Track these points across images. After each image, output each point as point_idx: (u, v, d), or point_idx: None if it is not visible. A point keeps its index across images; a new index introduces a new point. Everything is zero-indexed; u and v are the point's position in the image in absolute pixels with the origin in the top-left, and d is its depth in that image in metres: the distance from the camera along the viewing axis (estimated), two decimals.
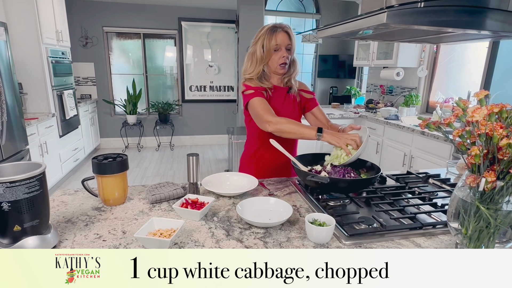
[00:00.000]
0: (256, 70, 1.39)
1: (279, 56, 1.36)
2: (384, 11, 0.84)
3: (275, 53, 1.36)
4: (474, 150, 0.72)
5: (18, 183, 0.72)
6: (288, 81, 1.45)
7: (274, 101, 1.43)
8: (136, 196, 1.15)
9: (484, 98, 0.73)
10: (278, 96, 1.44)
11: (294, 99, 1.47)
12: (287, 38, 1.35)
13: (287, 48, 1.36)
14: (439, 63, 3.57)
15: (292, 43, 1.37)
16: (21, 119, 2.76)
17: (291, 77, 1.44)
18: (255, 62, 1.39)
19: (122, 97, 5.34)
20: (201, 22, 5.40)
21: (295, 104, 1.47)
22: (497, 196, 0.72)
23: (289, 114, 1.43)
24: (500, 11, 1.04)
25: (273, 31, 1.35)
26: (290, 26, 1.38)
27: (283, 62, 1.37)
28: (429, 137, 2.72)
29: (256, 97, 1.35)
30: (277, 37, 1.34)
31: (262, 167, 1.48)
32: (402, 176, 1.38)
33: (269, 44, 1.35)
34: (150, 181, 4.00)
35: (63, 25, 3.95)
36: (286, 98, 1.46)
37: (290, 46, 1.36)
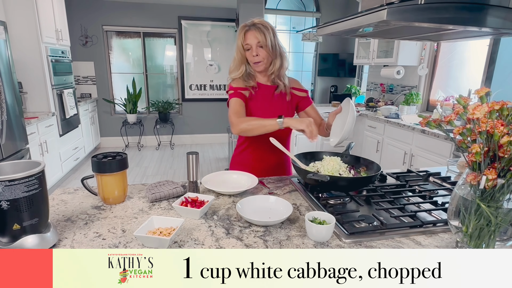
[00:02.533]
0: (238, 71, 1.38)
1: (250, 55, 1.33)
2: (384, 8, 0.83)
3: (247, 53, 1.34)
4: (475, 148, 0.72)
5: (17, 181, 0.72)
6: (274, 79, 1.40)
7: (260, 100, 1.40)
8: (136, 194, 1.15)
9: (485, 95, 0.72)
10: (265, 95, 1.40)
11: (283, 98, 1.43)
12: (254, 36, 1.30)
13: (258, 45, 1.31)
14: (440, 61, 3.56)
15: (263, 39, 1.29)
16: (21, 118, 2.76)
17: (275, 74, 1.38)
18: (237, 64, 1.38)
19: (122, 96, 5.34)
20: (201, 21, 5.39)
21: (284, 103, 1.42)
22: (497, 194, 0.72)
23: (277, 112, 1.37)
24: (501, 8, 1.03)
25: (242, 31, 1.32)
26: (263, 21, 1.33)
27: (255, 61, 1.33)
28: (430, 135, 2.71)
29: (233, 98, 1.35)
30: (246, 37, 1.31)
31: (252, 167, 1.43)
32: (402, 174, 1.38)
33: (240, 45, 1.33)
34: (150, 180, 4.00)
35: (62, 24, 3.95)
36: (273, 96, 1.41)
37: (260, 43, 1.30)
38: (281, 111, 1.40)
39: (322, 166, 1.16)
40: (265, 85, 1.42)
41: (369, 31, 1.31)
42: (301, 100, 1.48)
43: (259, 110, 1.39)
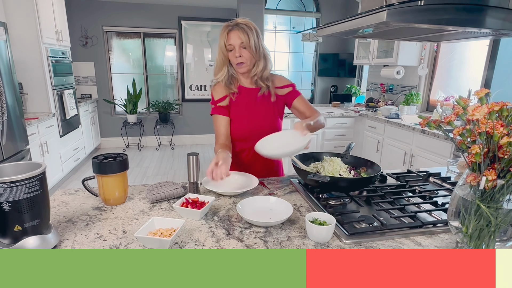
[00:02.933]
0: (221, 73, 1.34)
1: (233, 56, 1.28)
2: (384, 9, 0.83)
3: (230, 54, 1.29)
4: (475, 149, 0.72)
5: (18, 183, 0.72)
6: (256, 81, 1.36)
7: (243, 105, 1.37)
8: (137, 195, 1.15)
9: (484, 96, 0.73)
10: (248, 99, 1.37)
11: (267, 100, 1.38)
12: (237, 37, 1.25)
13: (241, 46, 1.26)
14: (440, 61, 3.56)
15: (246, 40, 1.25)
16: (21, 119, 2.76)
17: (258, 76, 1.34)
18: (219, 65, 1.34)
19: (122, 96, 5.34)
20: (201, 21, 5.39)
21: (269, 105, 1.38)
22: (497, 195, 0.72)
23: (260, 117, 1.37)
24: (501, 9, 1.04)
25: (225, 30, 1.27)
26: (247, 21, 1.28)
27: (237, 62, 1.29)
28: (430, 135, 2.72)
29: (213, 114, 1.37)
30: (228, 37, 1.26)
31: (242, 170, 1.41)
32: (402, 175, 1.38)
33: (223, 45, 1.28)
34: (151, 180, 4.00)
35: (63, 25, 3.95)
36: (257, 100, 1.37)
37: (244, 44, 1.26)
38: (265, 114, 1.38)
39: (322, 166, 1.16)
40: (248, 88, 1.38)
41: (369, 32, 1.32)
42: (287, 97, 1.42)
43: (243, 115, 1.37)
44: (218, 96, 1.37)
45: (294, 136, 1.13)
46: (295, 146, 1.09)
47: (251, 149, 1.37)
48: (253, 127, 1.36)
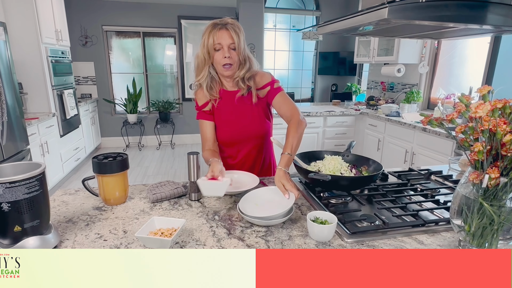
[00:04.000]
0: (202, 74, 1.26)
1: (220, 56, 1.20)
2: (385, 6, 0.83)
3: (217, 53, 1.21)
4: (477, 146, 0.71)
5: (17, 183, 0.71)
6: (238, 82, 1.28)
7: (224, 110, 1.32)
8: (137, 195, 1.15)
9: (487, 93, 0.72)
10: (231, 102, 1.31)
11: (249, 102, 1.31)
12: (228, 36, 1.18)
13: (230, 47, 1.20)
14: (440, 59, 3.55)
15: (237, 41, 1.19)
16: (21, 119, 2.75)
17: (240, 78, 1.27)
18: (200, 64, 1.26)
19: (122, 96, 5.33)
20: (201, 20, 5.38)
21: (252, 107, 1.31)
22: (500, 193, 0.71)
23: (245, 119, 1.32)
24: (502, 5, 1.03)
25: (214, 28, 1.19)
26: (235, 21, 1.23)
27: (224, 62, 1.21)
28: (431, 133, 2.71)
29: (199, 119, 1.35)
30: (216, 35, 1.18)
31: None
32: (404, 173, 1.37)
33: (209, 43, 1.19)
34: (151, 180, 4.00)
35: (62, 25, 3.94)
36: (239, 102, 1.31)
37: (233, 45, 1.19)
38: (249, 116, 1.32)
39: (324, 165, 1.16)
40: (230, 91, 1.32)
41: (370, 30, 1.31)
42: (267, 97, 1.32)
43: (227, 120, 1.33)
44: (201, 102, 1.33)
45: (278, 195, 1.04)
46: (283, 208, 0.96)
47: (238, 153, 1.37)
48: (239, 131, 1.33)
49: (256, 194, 1.06)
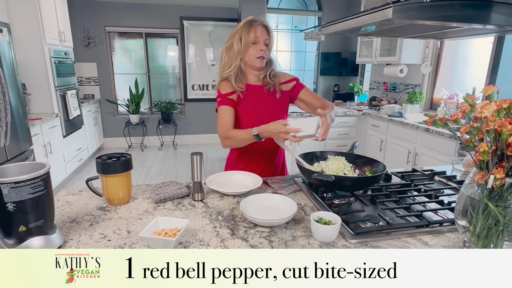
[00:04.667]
0: (233, 65, 1.34)
1: (257, 49, 1.31)
2: (390, 6, 0.82)
3: (253, 46, 1.32)
4: (483, 147, 0.71)
5: (22, 183, 0.72)
6: (264, 78, 1.39)
7: (249, 102, 1.38)
8: (141, 195, 1.15)
9: (492, 93, 0.72)
10: (254, 96, 1.39)
11: (273, 96, 1.41)
12: (265, 33, 1.32)
13: (265, 43, 1.32)
14: (443, 59, 3.54)
15: (270, 39, 1.33)
16: (25, 120, 2.77)
17: (267, 74, 1.38)
18: (232, 55, 1.34)
19: (125, 96, 5.35)
20: (203, 21, 5.39)
21: (275, 101, 1.41)
22: (506, 193, 0.71)
23: (267, 112, 1.38)
24: (506, 4, 1.02)
25: (251, 24, 1.31)
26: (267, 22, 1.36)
27: (260, 55, 1.32)
28: (434, 134, 2.70)
29: (221, 106, 1.35)
30: (256, 30, 1.30)
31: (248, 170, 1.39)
32: (407, 174, 1.37)
33: (248, 37, 1.30)
34: (154, 180, 4.01)
35: (65, 26, 3.96)
36: (263, 96, 1.40)
37: (268, 41, 1.33)
38: (272, 110, 1.39)
39: (327, 165, 1.15)
40: (254, 85, 1.40)
41: (372, 30, 1.31)
42: (292, 91, 1.44)
43: (248, 112, 1.38)
44: (225, 91, 1.37)
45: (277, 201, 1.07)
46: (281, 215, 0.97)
47: (258, 145, 1.37)
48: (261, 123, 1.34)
49: (255, 198, 1.05)
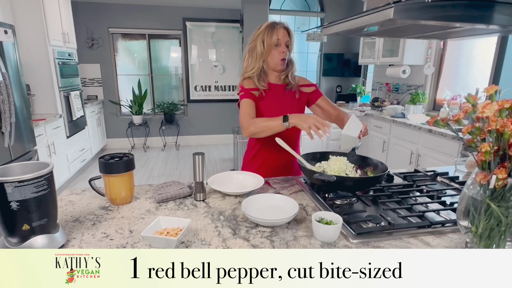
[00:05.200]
0: (256, 66, 1.40)
1: (279, 51, 1.37)
2: (391, 6, 0.82)
3: (275, 48, 1.37)
4: (485, 147, 0.71)
5: (26, 182, 0.72)
6: (285, 78, 1.45)
7: (270, 99, 1.43)
8: (143, 195, 1.15)
9: (494, 93, 0.71)
10: (275, 94, 1.45)
11: (293, 96, 1.47)
12: (286, 35, 1.37)
13: (286, 44, 1.38)
14: (446, 60, 3.53)
15: (291, 40, 1.39)
16: (29, 120, 2.79)
17: (289, 74, 1.45)
18: (255, 57, 1.40)
19: (128, 97, 5.38)
20: (206, 22, 5.41)
21: (294, 100, 1.47)
22: (508, 194, 0.71)
23: (287, 111, 1.39)
24: (509, 4, 1.02)
25: (273, 27, 1.36)
26: None
27: (282, 57, 1.38)
28: (437, 135, 2.69)
29: (244, 98, 1.38)
30: (278, 33, 1.36)
31: (264, 168, 1.46)
32: (409, 174, 1.37)
33: (270, 40, 1.36)
34: (156, 181, 4.02)
35: (69, 27, 3.99)
36: (284, 94, 1.46)
37: (289, 42, 1.38)
38: (291, 108, 1.44)
39: (329, 166, 1.15)
40: (275, 84, 1.46)
41: (375, 30, 1.31)
42: (311, 95, 1.51)
43: (270, 109, 1.42)
44: (248, 87, 1.41)
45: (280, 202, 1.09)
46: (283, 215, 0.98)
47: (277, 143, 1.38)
48: None
49: (257, 198, 1.06)
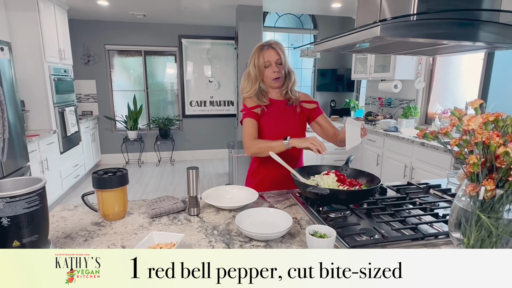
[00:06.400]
0: (252, 89, 1.45)
1: (270, 71, 1.42)
2: (378, 24, 0.86)
3: (267, 70, 1.42)
4: (472, 159, 0.72)
5: (18, 198, 0.72)
6: (286, 93, 1.49)
7: (272, 115, 1.47)
8: (136, 210, 1.15)
9: (479, 107, 0.74)
10: (277, 110, 1.48)
11: (294, 111, 1.50)
12: (274, 54, 1.41)
13: (277, 62, 1.42)
14: (436, 75, 3.62)
15: (282, 56, 1.42)
16: (22, 136, 2.77)
17: (289, 88, 1.48)
18: (251, 81, 1.46)
19: (123, 113, 5.38)
20: (201, 39, 5.50)
21: (295, 115, 1.50)
22: (497, 205, 0.72)
23: (289, 126, 1.47)
24: (492, 23, 1.06)
25: (261, 50, 1.42)
26: (278, 42, 1.45)
27: (275, 77, 1.42)
28: (429, 148, 2.72)
29: (246, 118, 1.43)
30: (265, 55, 1.41)
31: (265, 182, 1.49)
32: (402, 187, 1.38)
33: (259, 62, 1.42)
34: (151, 196, 3.98)
35: (65, 44, 4.04)
36: (285, 110, 1.49)
37: (280, 60, 1.42)
38: (293, 123, 1.48)
39: (322, 179, 1.16)
40: (277, 100, 1.49)
41: (365, 47, 1.35)
42: (312, 112, 1.54)
43: (272, 125, 1.46)
44: (251, 105, 1.46)
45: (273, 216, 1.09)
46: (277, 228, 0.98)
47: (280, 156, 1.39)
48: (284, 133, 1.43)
49: (251, 213, 1.06)
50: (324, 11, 4.67)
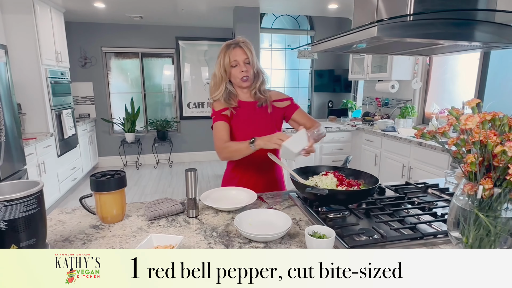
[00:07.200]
0: (219, 90, 1.39)
1: (238, 71, 1.36)
2: (375, 25, 0.86)
3: (234, 69, 1.36)
4: (470, 158, 0.72)
5: (15, 201, 0.72)
6: (255, 94, 1.43)
7: (242, 118, 1.41)
8: (135, 213, 1.14)
9: (476, 106, 0.74)
10: (247, 112, 1.42)
11: (265, 111, 1.44)
12: (242, 53, 1.35)
13: (245, 62, 1.36)
14: (433, 74, 3.63)
15: (250, 55, 1.36)
16: (19, 140, 2.76)
17: (257, 88, 1.42)
18: (217, 82, 1.39)
19: (120, 115, 5.37)
20: (198, 41, 5.50)
21: (267, 116, 1.44)
22: (495, 203, 0.72)
23: (260, 127, 1.40)
24: (488, 23, 1.07)
25: (228, 48, 1.36)
26: (246, 40, 1.38)
27: (242, 76, 1.36)
28: (427, 147, 2.73)
29: (216, 122, 1.38)
30: (231, 54, 1.35)
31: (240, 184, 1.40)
32: (401, 187, 1.38)
33: (225, 62, 1.36)
34: (149, 198, 3.96)
35: (62, 46, 4.02)
36: (255, 111, 1.43)
37: (248, 59, 1.36)
38: (264, 125, 1.41)
39: (320, 180, 1.16)
40: (246, 102, 1.44)
41: (362, 47, 1.35)
42: (286, 110, 1.47)
43: (241, 127, 1.41)
44: (219, 108, 1.41)
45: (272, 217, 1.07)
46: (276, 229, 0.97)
47: (253, 159, 1.38)
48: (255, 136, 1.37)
49: (250, 214, 1.05)
50: (321, 12, 4.69)
